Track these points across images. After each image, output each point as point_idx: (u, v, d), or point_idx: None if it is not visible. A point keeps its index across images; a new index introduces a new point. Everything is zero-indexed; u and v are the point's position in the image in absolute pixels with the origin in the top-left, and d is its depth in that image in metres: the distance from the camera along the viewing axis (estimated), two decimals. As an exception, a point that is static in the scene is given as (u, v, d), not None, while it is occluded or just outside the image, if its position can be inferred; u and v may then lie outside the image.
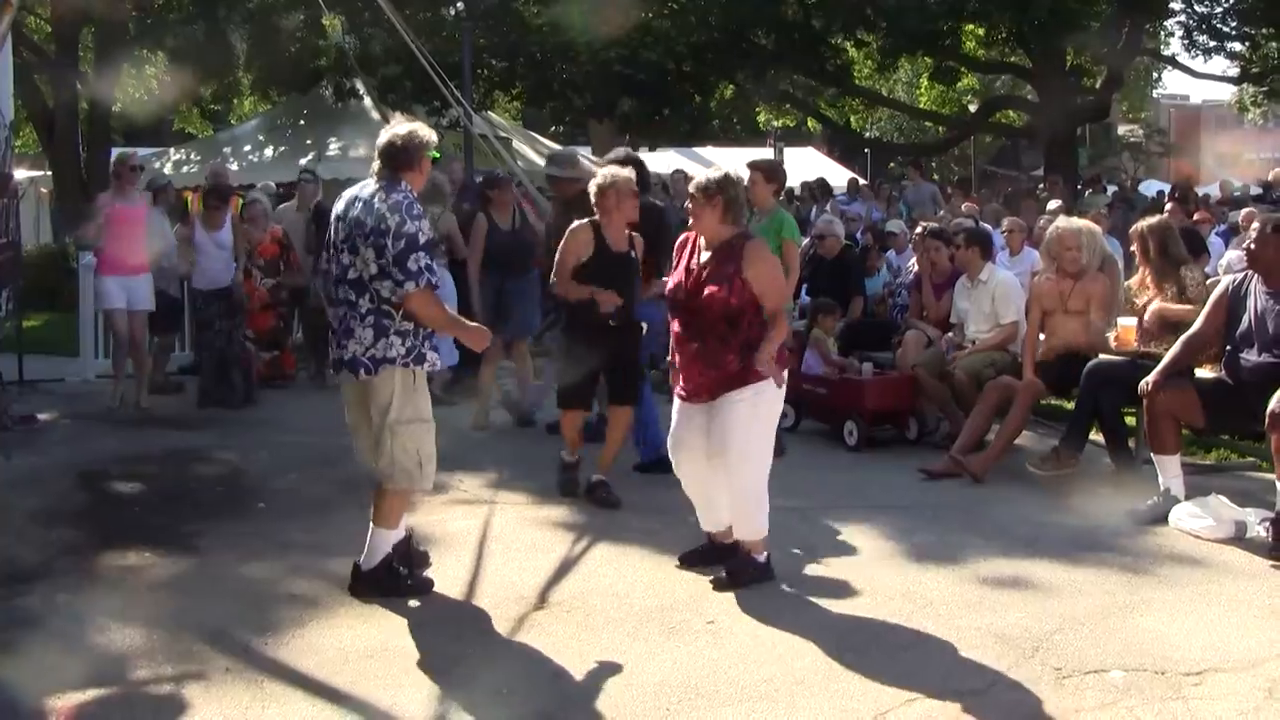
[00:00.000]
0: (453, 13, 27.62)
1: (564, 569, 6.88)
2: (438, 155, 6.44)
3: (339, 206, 6.36)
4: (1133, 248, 9.07)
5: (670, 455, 6.83)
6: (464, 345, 8.25)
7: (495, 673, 5.47)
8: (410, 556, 6.57)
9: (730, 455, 6.44)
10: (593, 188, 7.90)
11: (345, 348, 6.21)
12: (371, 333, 6.14)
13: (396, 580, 6.41)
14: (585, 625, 6.01)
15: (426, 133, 6.37)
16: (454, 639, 5.87)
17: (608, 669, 5.47)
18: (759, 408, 6.48)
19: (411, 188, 6.23)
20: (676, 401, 6.75)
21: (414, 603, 6.30)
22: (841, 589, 6.52)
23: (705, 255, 6.58)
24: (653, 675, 5.37)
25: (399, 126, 6.40)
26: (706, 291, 6.46)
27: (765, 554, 6.61)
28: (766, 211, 9.45)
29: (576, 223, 8.07)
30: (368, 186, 6.27)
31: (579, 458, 8.31)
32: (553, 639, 5.82)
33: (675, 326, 6.70)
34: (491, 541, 7.43)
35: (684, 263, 6.71)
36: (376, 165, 6.30)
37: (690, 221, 6.68)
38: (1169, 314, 8.56)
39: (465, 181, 14.54)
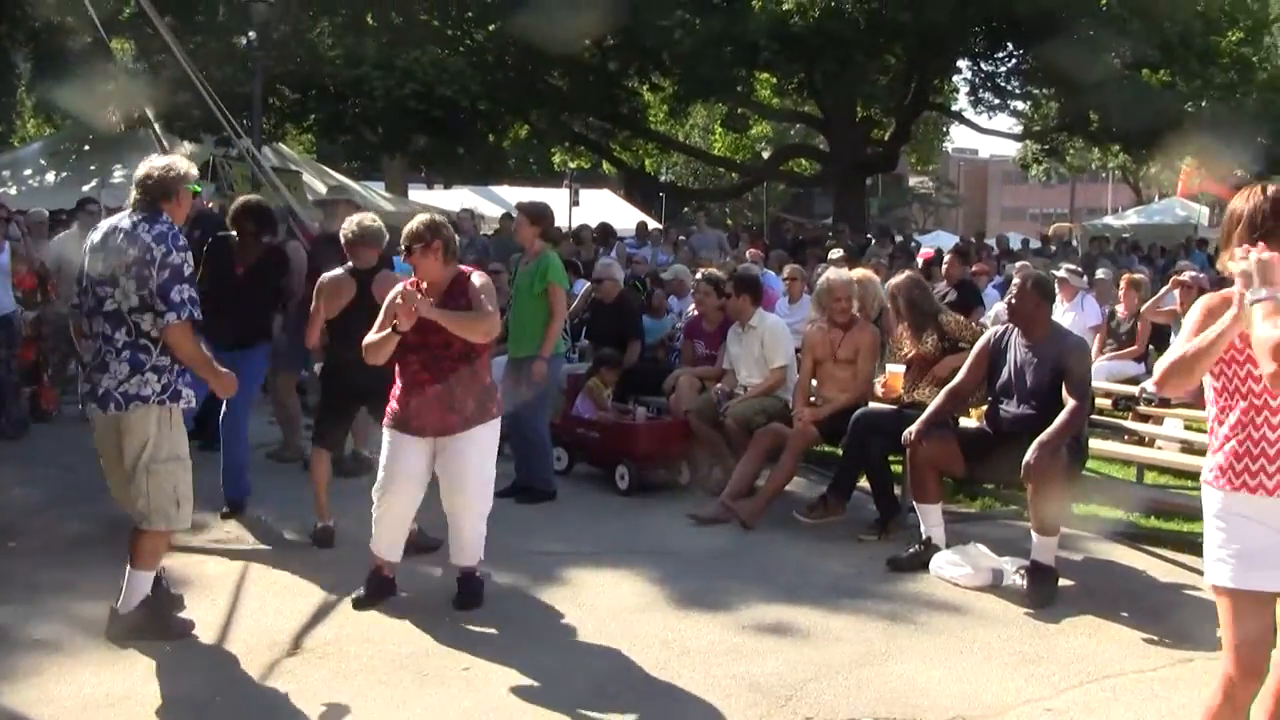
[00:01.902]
0: (244, 41, 27.13)
1: (320, 614, 6.69)
2: (198, 189, 6.26)
3: (95, 237, 6.15)
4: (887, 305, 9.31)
5: (382, 486, 6.79)
6: None
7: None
8: (161, 600, 6.31)
9: (470, 490, 6.69)
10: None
11: (98, 382, 5.99)
12: (127, 367, 5.93)
13: (156, 623, 6.18)
14: (338, 672, 5.85)
15: (185, 166, 6.22)
16: (202, 685, 5.67)
17: (357, 717, 5.31)
18: (488, 440, 6.80)
19: (172, 219, 6.06)
20: (395, 435, 6.77)
21: (165, 648, 6.04)
22: (602, 635, 6.45)
23: (434, 300, 6.63)
24: (400, 722, 5.23)
25: (158, 159, 6.25)
26: (432, 332, 6.52)
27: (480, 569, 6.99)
28: (533, 254, 9.37)
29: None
30: (126, 218, 6.07)
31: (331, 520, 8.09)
32: (304, 686, 5.65)
33: (410, 367, 6.72)
34: (248, 584, 7.21)
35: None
36: (134, 196, 6.12)
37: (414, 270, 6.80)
38: (957, 363, 8.71)
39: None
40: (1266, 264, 3.78)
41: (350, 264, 7.93)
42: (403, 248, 6.75)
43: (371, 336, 6.65)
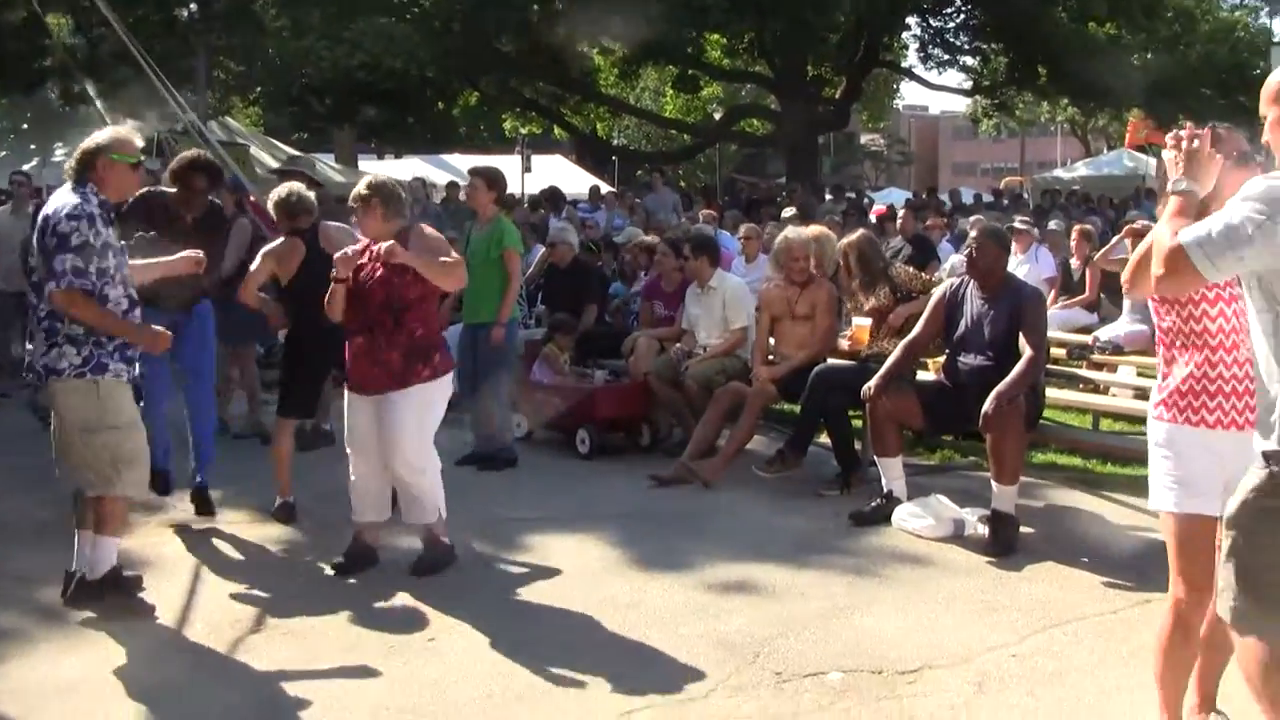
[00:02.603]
0: (186, 14, 26.84)
1: (283, 590, 6.66)
2: (134, 159, 6.16)
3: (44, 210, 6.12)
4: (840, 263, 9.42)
5: (346, 448, 6.88)
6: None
7: (208, 700, 5.27)
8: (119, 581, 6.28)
9: (405, 448, 6.66)
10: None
11: (33, 354, 6.05)
12: (44, 340, 5.92)
13: (123, 591, 6.18)
14: (303, 647, 5.82)
15: (108, 137, 6.13)
16: (165, 667, 5.64)
17: (324, 692, 5.29)
18: (424, 399, 6.74)
19: (98, 190, 5.99)
20: (348, 394, 6.84)
21: (123, 631, 5.98)
22: (567, 600, 6.45)
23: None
24: (371, 697, 5.24)
25: (101, 131, 6.20)
26: (374, 278, 6.59)
27: (447, 536, 6.94)
28: (488, 219, 9.35)
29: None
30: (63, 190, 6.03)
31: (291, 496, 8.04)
32: (269, 663, 5.63)
33: (350, 324, 6.77)
34: (208, 563, 7.16)
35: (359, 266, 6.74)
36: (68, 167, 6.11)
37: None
38: (911, 311, 8.85)
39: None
40: (1193, 154, 3.86)
41: (290, 230, 7.93)
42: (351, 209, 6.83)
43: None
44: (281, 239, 7.91)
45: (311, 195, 8.11)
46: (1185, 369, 4.35)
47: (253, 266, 7.86)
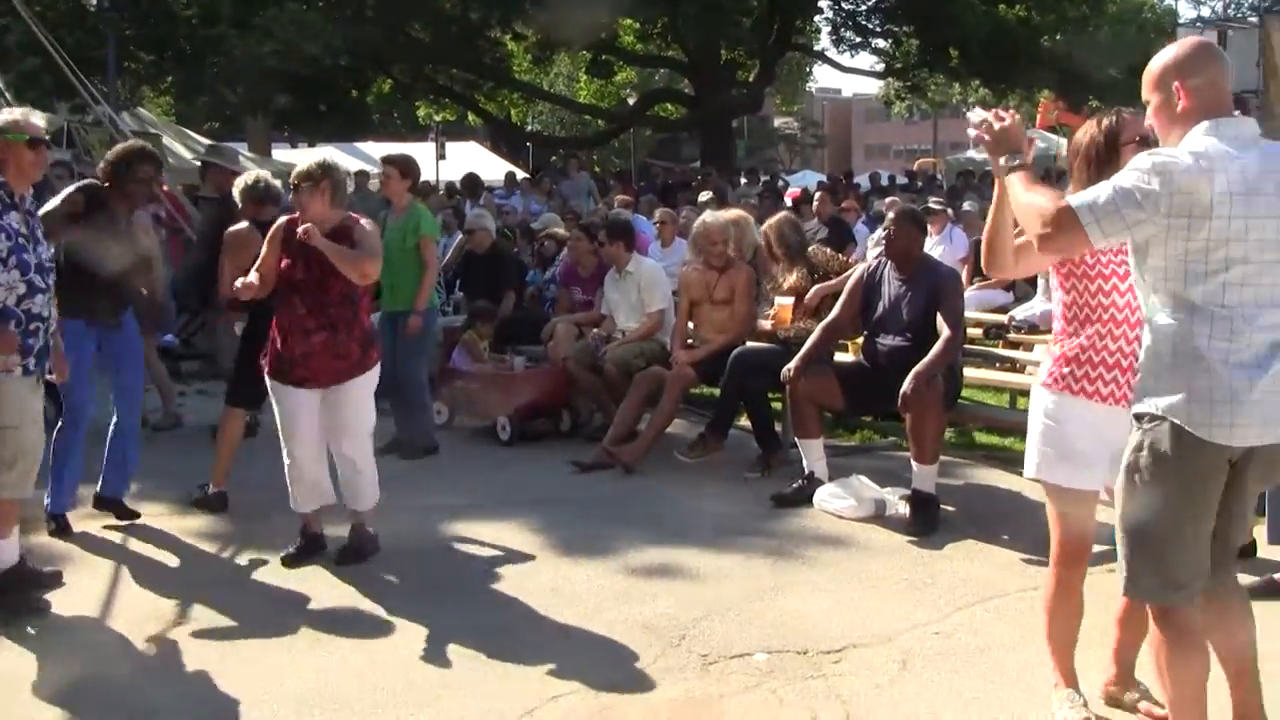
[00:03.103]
0: (95, 3, 26.41)
1: (206, 582, 6.57)
2: (24, 137, 5.98)
3: None
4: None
5: (286, 447, 6.76)
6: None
7: (130, 696, 5.18)
8: (26, 578, 6.17)
9: (356, 438, 6.67)
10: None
11: None
12: None
13: (23, 589, 6.07)
14: (228, 640, 5.77)
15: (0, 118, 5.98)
16: (87, 663, 5.55)
17: (251, 685, 5.23)
18: (371, 386, 6.76)
19: None
20: (279, 388, 6.69)
21: (42, 628, 5.88)
22: (491, 586, 6.44)
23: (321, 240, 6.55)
24: (296, 688, 5.18)
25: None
26: (330, 270, 6.49)
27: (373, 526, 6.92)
28: (402, 208, 9.30)
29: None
30: None
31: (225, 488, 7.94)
32: (193, 657, 5.55)
33: (295, 311, 6.61)
34: (130, 557, 7.04)
35: (297, 250, 6.60)
36: None
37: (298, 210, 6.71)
38: (828, 290, 8.91)
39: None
40: (1006, 131, 4.03)
41: (252, 218, 7.88)
42: (292, 185, 6.67)
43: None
44: (238, 227, 7.83)
45: (279, 185, 8.04)
46: (1077, 340, 4.51)
47: (221, 260, 7.80)
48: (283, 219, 6.78)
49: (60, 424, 7.30)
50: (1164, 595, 3.85)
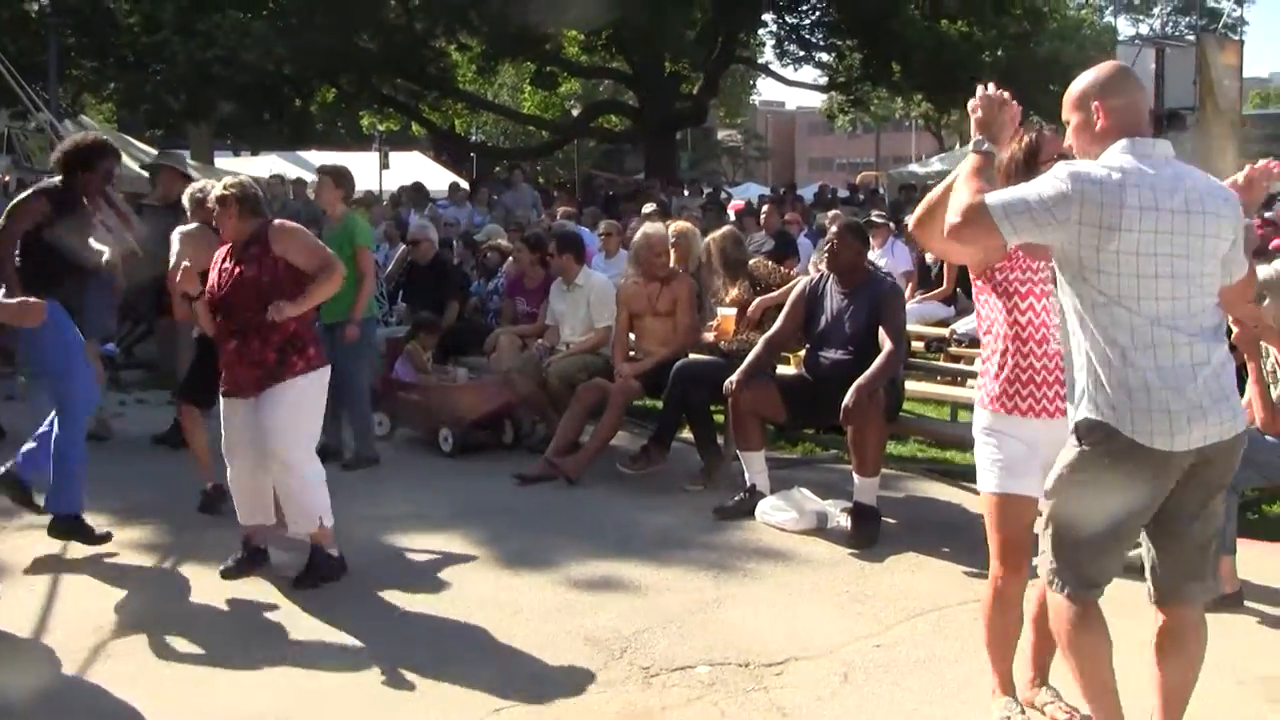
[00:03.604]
0: (36, 9, 26.13)
1: (145, 594, 6.53)
2: None
3: None
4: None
5: (224, 452, 6.74)
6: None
7: (68, 713, 5.13)
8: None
9: (279, 450, 6.47)
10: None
11: None
12: None
13: None
14: (164, 654, 5.70)
15: None
16: (22, 676, 5.46)
17: (185, 701, 5.18)
18: (296, 396, 6.52)
19: None
20: (223, 398, 6.67)
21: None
22: (434, 599, 6.42)
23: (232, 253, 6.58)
24: (231, 705, 5.14)
25: None
26: (239, 277, 6.45)
27: (336, 549, 6.71)
28: (338, 218, 9.29)
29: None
30: None
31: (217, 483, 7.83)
32: (128, 671, 5.48)
33: (219, 325, 6.60)
34: (69, 568, 6.96)
35: (217, 266, 6.65)
36: None
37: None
38: (770, 301, 8.98)
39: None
40: (995, 114, 4.15)
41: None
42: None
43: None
44: (194, 227, 7.79)
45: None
46: (1001, 358, 4.66)
47: (178, 256, 7.68)
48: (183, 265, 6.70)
49: (56, 419, 7.20)
50: (1079, 590, 4.02)
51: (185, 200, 8.05)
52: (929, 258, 13.30)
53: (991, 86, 4.19)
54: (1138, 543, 4.14)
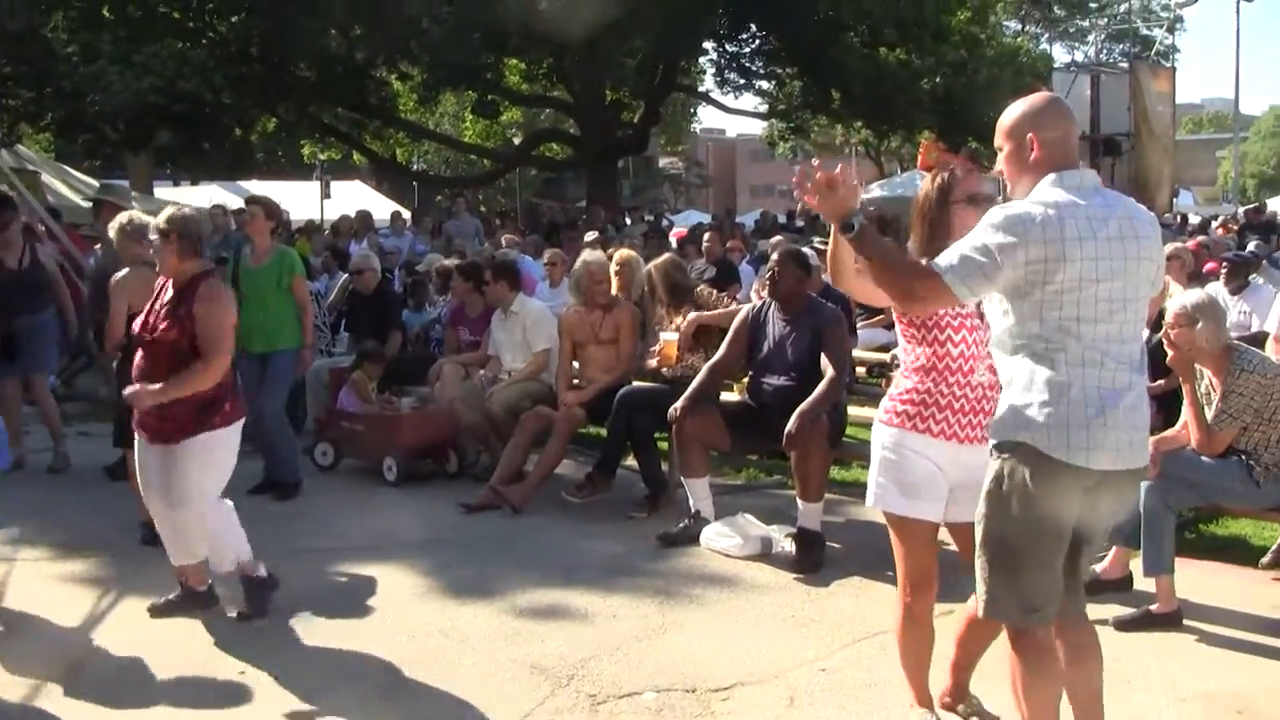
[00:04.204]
0: (-29, 38, 25.92)
1: (89, 628, 6.47)
2: None
3: None
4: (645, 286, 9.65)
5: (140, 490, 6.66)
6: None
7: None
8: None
9: (181, 505, 6.28)
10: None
11: None
12: None
13: None
14: (108, 690, 5.64)
15: None
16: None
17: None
18: (216, 451, 6.32)
19: None
20: (138, 440, 6.51)
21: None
22: (378, 629, 6.39)
23: (169, 294, 6.42)
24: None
25: None
26: (160, 329, 6.29)
27: (262, 567, 6.61)
28: (267, 250, 9.29)
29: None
30: None
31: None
32: (71, 710, 5.44)
33: (137, 363, 6.43)
34: (9, 602, 6.91)
35: (151, 302, 6.53)
36: None
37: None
38: (705, 320, 9.08)
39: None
40: (838, 193, 4.11)
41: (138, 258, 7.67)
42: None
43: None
44: (143, 268, 7.73)
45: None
46: (917, 384, 4.75)
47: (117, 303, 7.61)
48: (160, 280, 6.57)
49: None
50: (1022, 618, 4.04)
51: (112, 232, 7.92)
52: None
53: (816, 168, 4.14)
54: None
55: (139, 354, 6.43)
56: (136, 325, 6.50)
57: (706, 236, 15.60)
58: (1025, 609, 4.01)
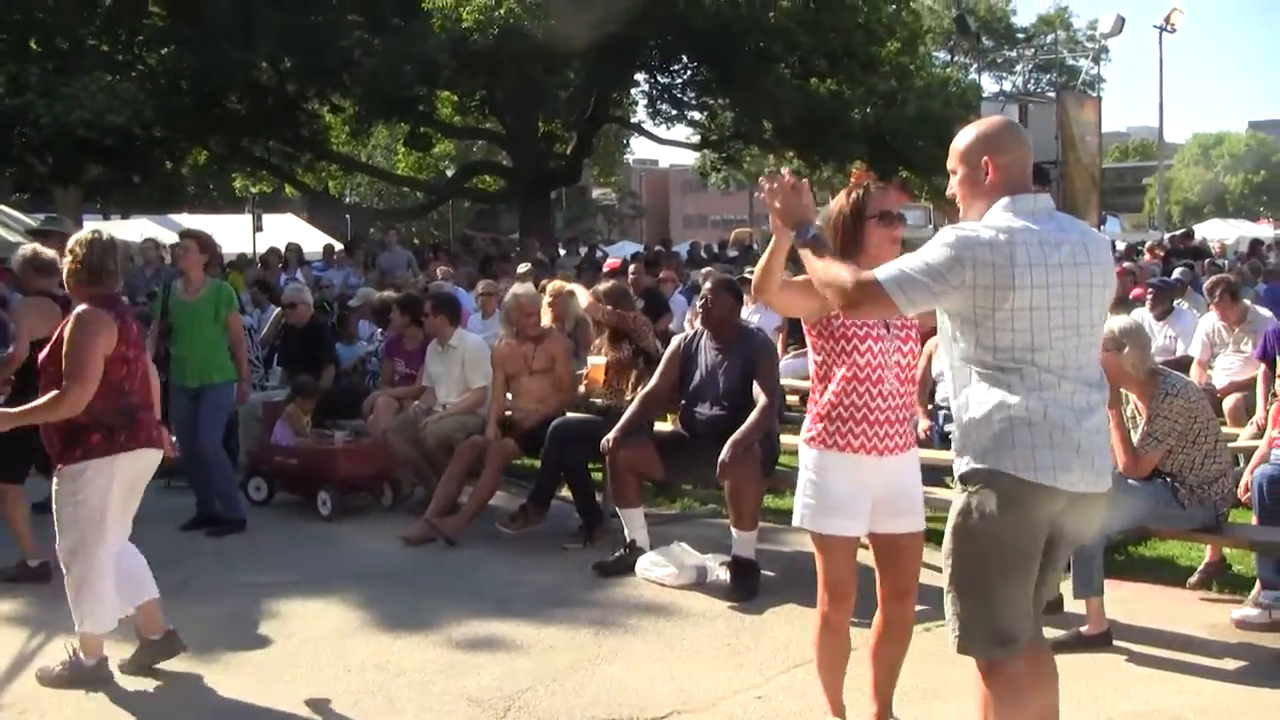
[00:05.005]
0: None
1: (18, 667, 6.39)
2: None
3: None
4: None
5: None
6: None
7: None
8: None
9: (59, 538, 6.02)
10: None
11: None
12: None
13: None
14: (35, 726, 5.56)
15: None
16: None
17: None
18: (76, 486, 5.92)
19: None
20: None
21: None
22: (314, 663, 6.36)
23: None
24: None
25: None
26: (44, 354, 6.10)
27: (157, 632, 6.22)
28: (201, 283, 9.28)
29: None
30: None
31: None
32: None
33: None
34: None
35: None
36: None
37: None
38: (615, 319, 9.16)
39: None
40: (798, 200, 4.36)
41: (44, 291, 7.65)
42: None
43: None
44: (44, 299, 7.66)
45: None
46: (827, 396, 4.81)
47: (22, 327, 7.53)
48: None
49: None
50: (995, 650, 3.99)
51: (15, 264, 7.88)
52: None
53: (785, 172, 4.34)
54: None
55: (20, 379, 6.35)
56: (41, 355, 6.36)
57: (632, 268, 15.59)
58: (999, 640, 3.96)
